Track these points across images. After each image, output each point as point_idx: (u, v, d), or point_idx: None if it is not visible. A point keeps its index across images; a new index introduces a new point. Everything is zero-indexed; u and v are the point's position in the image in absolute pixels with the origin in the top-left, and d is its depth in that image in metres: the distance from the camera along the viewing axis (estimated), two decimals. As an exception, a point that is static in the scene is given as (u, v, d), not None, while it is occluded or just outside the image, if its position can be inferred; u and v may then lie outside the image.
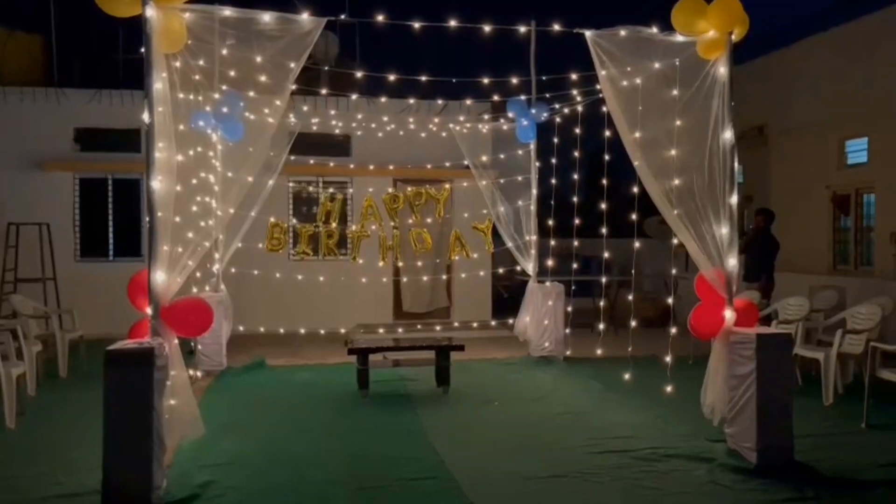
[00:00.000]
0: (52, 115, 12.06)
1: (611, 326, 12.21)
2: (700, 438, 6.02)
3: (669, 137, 5.96)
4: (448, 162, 11.47)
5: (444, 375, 7.84)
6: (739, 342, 5.40)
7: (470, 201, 12.18)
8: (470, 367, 9.09)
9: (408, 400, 7.60)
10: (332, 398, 7.72)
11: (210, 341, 8.87)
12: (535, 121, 9.65)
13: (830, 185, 12.09)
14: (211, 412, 7.01)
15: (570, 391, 8.03)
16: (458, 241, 9.37)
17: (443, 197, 9.33)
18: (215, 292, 9.13)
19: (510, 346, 10.42)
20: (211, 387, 8.25)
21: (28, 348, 7.66)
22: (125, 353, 4.55)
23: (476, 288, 12.88)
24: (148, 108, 4.84)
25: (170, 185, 5.15)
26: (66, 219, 12.14)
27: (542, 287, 9.75)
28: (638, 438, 6.13)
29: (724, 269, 5.58)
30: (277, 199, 12.09)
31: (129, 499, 4.46)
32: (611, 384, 8.18)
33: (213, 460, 5.55)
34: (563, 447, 5.94)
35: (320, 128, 11.68)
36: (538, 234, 9.92)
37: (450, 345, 7.87)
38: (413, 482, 5.11)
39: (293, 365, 9.56)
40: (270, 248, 9.20)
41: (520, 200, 9.94)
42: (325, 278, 11.27)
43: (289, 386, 8.39)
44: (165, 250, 4.96)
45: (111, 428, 4.48)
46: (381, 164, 12.04)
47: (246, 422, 6.78)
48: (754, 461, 5.27)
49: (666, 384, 7.33)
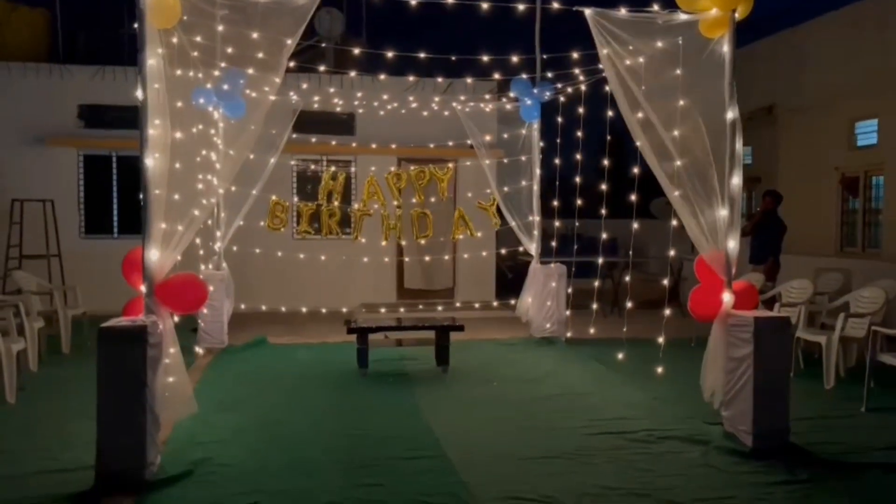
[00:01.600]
0: (55, 92, 12.04)
1: (614, 308, 12.20)
2: (697, 421, 6.00)
3: (672, 117, 5.87)
4: (451, 141, 11.38)
5: (444, 355, 7.83)
6: (737, 325, 5.35)
7: (474, 181, 12.13)
8: (470, 347, 9.09)
9: (407, 379, 7.61)
10: (332, 376, 7.73)
11: (211, 319, 8.90)
12: (538, 100, 9.56)
13: (839, 166, 11.96)
14: (210, 389, 7.09)
15: (570, 372, 8.02)
16: (461, 220, 9.32)
17: (446, 176, 9.26)
18: (217, 270, 9.14)
19: (512, 327, 10.41)
20: (212, 364, 8.28)
21: (30, 324, 7.69)
22: (118, 331, 4.55)
23: (479, 268, 12.86)
24: (141, 85, 4.80)
25: (165, 162, 5.13)
26: (70, 196, 12.16)
27: (544, 268, 9.71)
28: (635, 420, 6.11)
29: (723, 250, 5.52)
30: (281, 178, 12.06)
31: (123, 475, 4.48)
32: (611, 365, 8.15)
33: (208, 437, 5.57)
34: (559, 428, 5.93)
35: (324, 106, 11.61)
36: (541, 214, 9.85)
37: (450, 325, 7.86)
38: (406, 461, 5.11)
39: (294, 343, 9.59)
40: (272, 226, 9.19)
41: (523, 180, 9.87)
42: (327, 257, 11.25)
43: (289, 364, 8.42)
44: (160, 228, 4.95)
45: (104, 405, 4.50)
46: (385, 142, 11.97)
47: (244, 399, 6.81)
48: (750, 444, 5.24)
49: (665, 366, 7.30)
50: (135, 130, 10.32)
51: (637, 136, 5.98)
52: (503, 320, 11.06)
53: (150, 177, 4.83)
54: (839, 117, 11.83)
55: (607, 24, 5.95)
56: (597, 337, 9.39)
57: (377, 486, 4.65)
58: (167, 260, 5.03)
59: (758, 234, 9.73)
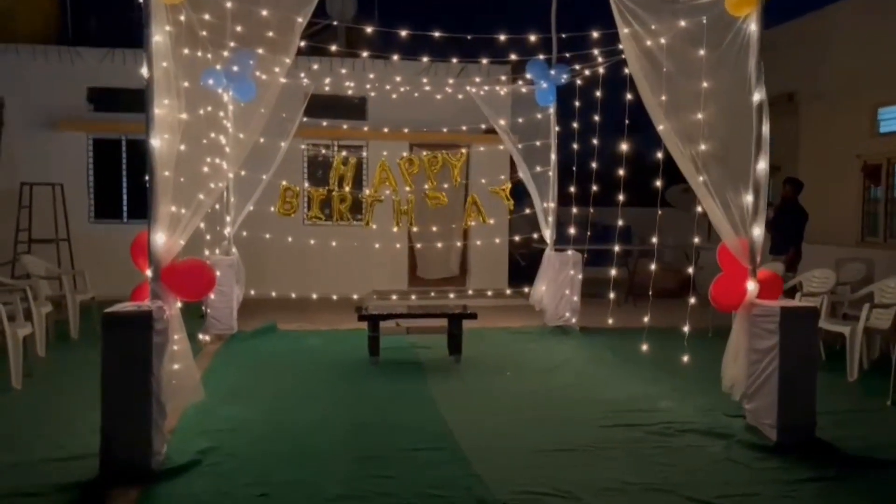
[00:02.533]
0: (65, 75, 11.91)
1: (630, 297, 12.02)
2: (717, 413, 5.83)
3: (695, 100, 5.67)
4: (465, 126, 11.17)
5: (457, 344, 7.68)
6: (762, 315, 5.16)
7: (487, 167, 11.94)
8: (483, 335, 8.94)
9: (418, 368, 7.47)
10: (342, 364, 7.60)
11: (221, 305, 8.78)
12: (555, 83, 9.35)
13: (861, 154, 11.67)
14: (218, 377, 6.98)
15: (584, 362, 7.86)
16: (474, 206, 9.14)
17: (459, 162, 9.08)
18: (227, 256, 9.01)
19: (525, 316, 10.24)
20: (220, 351, 8.17)
21: (37, 309, 7.60)
22: (123, 317, 4.42)
23: (492, 255, 12.68)
24: (147, 63, 4.65)
25: (172, 143, 4.98)
26: (79, 179, 12.06)
27: (559, 255, 9.53)
28: (652, 412, 5.95)
29: (748, 238, 5.32)
30: (292, 163, 11.92)
31: (128, 465, 4.37)
32: (627, 355, 7.98)
33: (215, 426, 5.45)
34: (574, 419, 5.77)
35: (336, 90, 11.44)
36: (557, 201, 9.66)
37: (462, 313, 7.70)
38: (417, 452, 4.97)
39: (304, 330, 9.47)
40: (282, 212, 9.04)
41: (538, 166, 9.67)
42: (338, 243, 11.11)
43: (299, 351, 8.30)
44: (167, 211, 4.81)
45: (109, 393, 4.37)
46: (397, 127, 11.76)
47: (252, 387, 6.69)
48: (774, 438, 5.06)
49: (684, 356, 7.13)
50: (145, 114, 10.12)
51: (659, 121, 5.76)
52: (516, 308, 10.89)
53: (156, 158, 4.68)
54: (862, 104, 11.53)
55: (629, 3, 5.74)
56: (612, 326, 9.21)
57: (387, 478, 4.51)
58: (174, 244, 4.89)
59: (778, 224, 9.49)
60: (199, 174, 5.77)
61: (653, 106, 5.79)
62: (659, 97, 5.72)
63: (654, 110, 5.78)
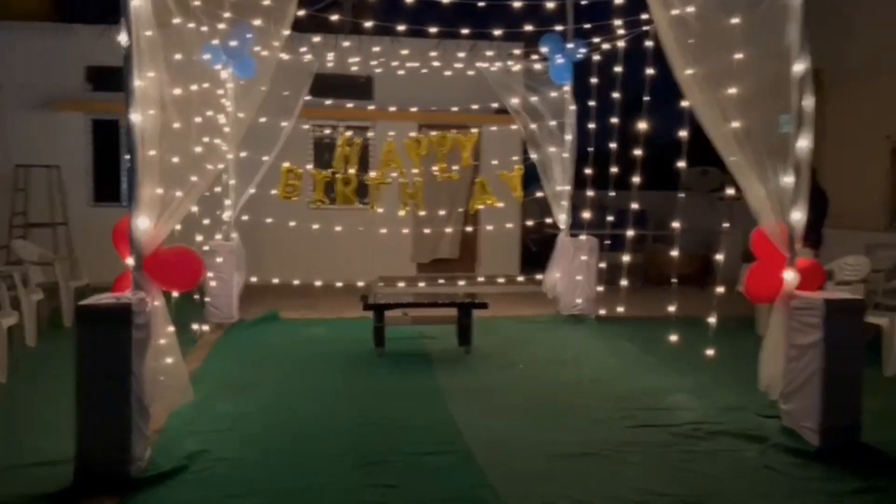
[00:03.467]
0: (62, 53, 11.48)
1: (646, 283, 11.56)
2: (749, 413, 5.39)
3: (729, 72, 5.17)
4: (476, 104, 10.67)
5: (466, 334, 7.26)
6: (802, 308, 4.71)
7: (500, 148, 11.45)
8: (495, 324, 8.52)
9: (426, 360, 7.06)
10: (346, 356, 7.21)
11: (220, 293, 8.40)
12: (571, 58, 8.85)
13: (891, 134, 11.12)
14: (214, 370, 6.61)
15: (602, 354, 7.42)
16: (482, 190, 8.68)
17: (470, 142, 8.61)
18: (227, 241, 8.61)
19: (538, 303, 9.81)
20: (219, 341, 7.78)
21: (27, 297, 7.25)
22: (98, 310, 4.01)
23: (503, 241, 12.20)
24: (125, 28, 4.22)
25: (158, 120, 4.57)
26: (78, 162, 11.67)
27: (573, 240, 9.07)
28: (678, 410, 5.52)
29: (786, 223, 4.86)
30: (298, 145, 11.50)
31: (105, 472, 3.98)
32: (647, 346, 7.55)
33: (208, 426, 5.06)
34: (593, 418, 5.35)
35: (341, 68, 10.98)
36: (573, 184, 9.19)
37: (472, 302, 7.27)
38: (425, 456, 4.56)
39: (307, 319, 9.08)
40: (284, 195, 8.62)
41: (552, 147, 9.19)
42: (343, 228, 10.69)
43: (301, 341, 7.91)
44: (152, 193, 4.39)
45: (84, 394, 3.98)
46: (405, 107, 11.27)
47: (251, 381, 6.30)
48: (815, 443, 4.62)
49: (707, 347, 6.67)
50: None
51: (690, 95, 5.26)
52: (529, 296, 10.46)
53: (138, 135, 4.26)
54: (891, 82, 10.97)
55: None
56: (629, 315, 8.77)
57: (391, 487, 4.11)
58: (161, 229, 4.49)
59: None
60: (192, 154, 5.35)
61: (684, 78, 5.28)
62: (692, 68, 5.21)
63: (685, 83, 5.27)
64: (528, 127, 9.27)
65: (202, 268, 4.67)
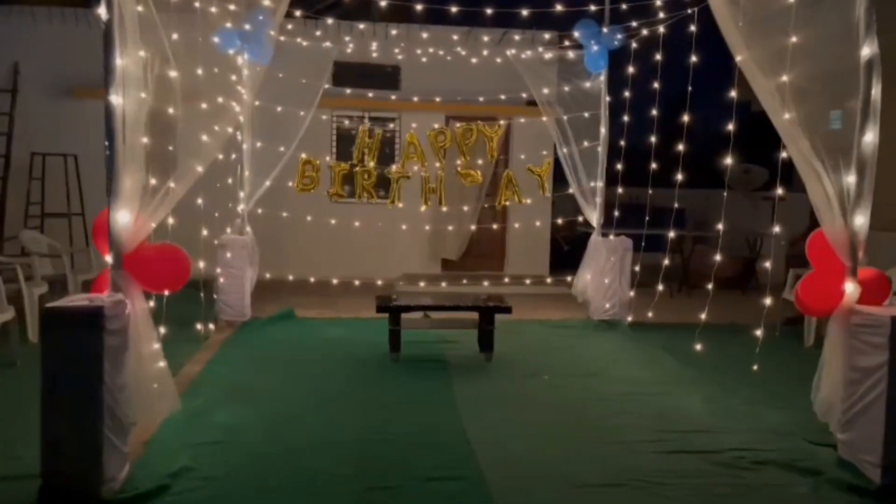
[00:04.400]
0: (84, 38, 11.16)
1: (682, 287, 10.96)
2: (798, 439, 4.82)
3: (782, 58, 4.59)
4: (504, 95, 10.13)
5: (488, 340, 6.77)
6: (866, 325, 4.13)
7: (529, 141, 10.92)
8: (519, 328, 8.01)
9: (444, 367, 6.57)
10: (359, 360, 6.76)
11: (232, 290, 8.01)
12: (607, 46, 8.28)
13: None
14: (219, 372, 6.22)
15: (635, 364, 6.87)
16: (510, 184, 8.16)
17: (496, 135, 8.10)
18: (240, 235, 8.22)
19: (567, 306, 9.26)
20: (229, 341, 7.40)
21: (29, 290, 6.93)
22: (67, 313, 3.60)
23: (532, 239, 11.65)
24: (105, 2, 3.79)
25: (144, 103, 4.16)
26: (97, 150, 11.37)
27: (606, 241, 8.51)
28: (719, 434, 4.96)
29: (848, 227, 4.28)
30: (319, 136, 11.12)
31: (72, 491, 3.58)
32: (684, 357, 6.97)
33: (201, 437, 4.65)
34: (623, 440, 4.82)
35: (367, 57, 10.54)
36: (605, 180, 8.63)
37: (495, 306, 6.77)
38: (433, 483, 4.09)
39: (324, 318, 8.65)
40: (301, 187, 8.19)
41: (585, 141, 8.64)
42: (362, 223, 10.25)
43: (314, 342, 7.48)
44: (136, 183, 3.98)
45: (49, 405, 3.58)
46: (432, 97, 10.76)
47: (255, 386, 5.88)
48: (877, 480, 4.05)
49: (752, 359, 6.10)
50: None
51: (753, 80, 4.65)
52: (557, 297, 9.92)
53: (118, 119, 3.84)
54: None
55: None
56: (665, 321, 8.19)
57: (391, 519, 3.64)
58: (145, 224, 4.07)
59: None
60: (189, 142, 4.94)
61: (745, 62, 4.69)
62: (751, 51, 4.62)
63: (747, 67, 4.66)
64: (560, 119, 8.72)
65: (189, 267, 4.24)
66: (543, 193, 8.41)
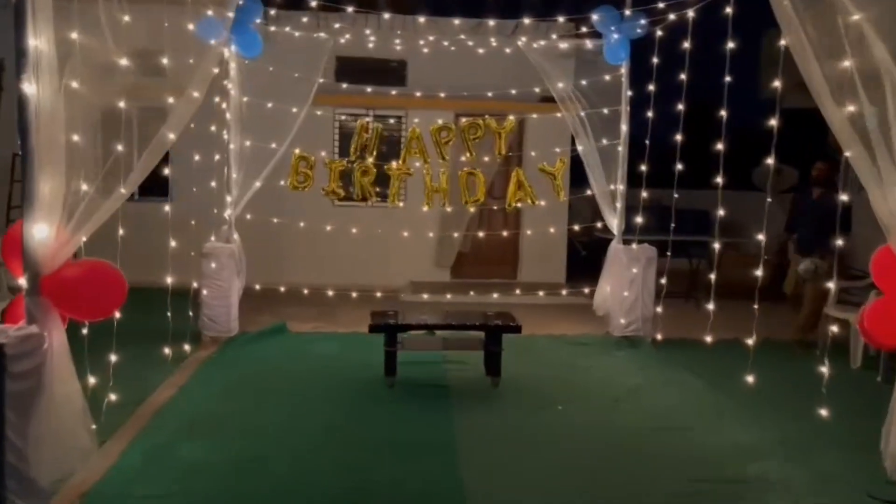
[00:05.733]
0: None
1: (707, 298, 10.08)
2: (853, 490, 4.06)
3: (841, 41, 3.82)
4: (518, 90, 9.35)
5: (495, 363, 6.03)
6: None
7: (544, 139, 10.13)
8: (532, 345, 7.26)
9: (445, 395, 5.82)
10: (350, 385, 6.05)
11: (217, 303, 7.31)
12: (628, 35, 7.50)
13: None
14: (191, 400, 5.57)
15: (662, 391, 6.08)
16: (519, 185, 7.42)
17: (505, 131, 7.35)
18: (227, 243, 7.53)
19: (584, 320, 8.46)
20: (210, 360, 6.71)
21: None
22: (-44, 353, 2.90)
23: (546, 244, 10.83)
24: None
25: (85, 97, 3.48)
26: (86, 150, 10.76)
27: (627, 250, 7.72)
28: (760, 483, 4.20)
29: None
30: (321, 135, 10.44)
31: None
32: (718, 381, 6.20)
33: (152, 485, 3.97)
34: (648, 492, 4.07)
35: (370, 52, 9.85)
36: (626, 182, 7.84)
37: (504, 325, 6.02)
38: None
39: (319, 332, 7.94)
40: (295, 185, 7.45)
41: (604, 139, 7.86)
42: (366, 228, 9.54)
43: (304, 363, 6.76)
44: (52, 190, 3.29)
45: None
46: (441, 93, 9.98)
47: (228, 416, 5.20)
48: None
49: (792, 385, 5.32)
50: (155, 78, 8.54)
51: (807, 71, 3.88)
52: (573, 308, 9.13)
53: (32, 112, 3.15)
54: None
55: None
56: (691, 337, 7.39)
57: None
58: (70, 239, 3.38)
59: (812, 214, 7.78)
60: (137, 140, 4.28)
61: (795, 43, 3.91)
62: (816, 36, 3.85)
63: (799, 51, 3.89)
64: (577, 115, 7.93)
65: (124, 289, 3.54)
66: (558, 195, 7.65)
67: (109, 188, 3.90)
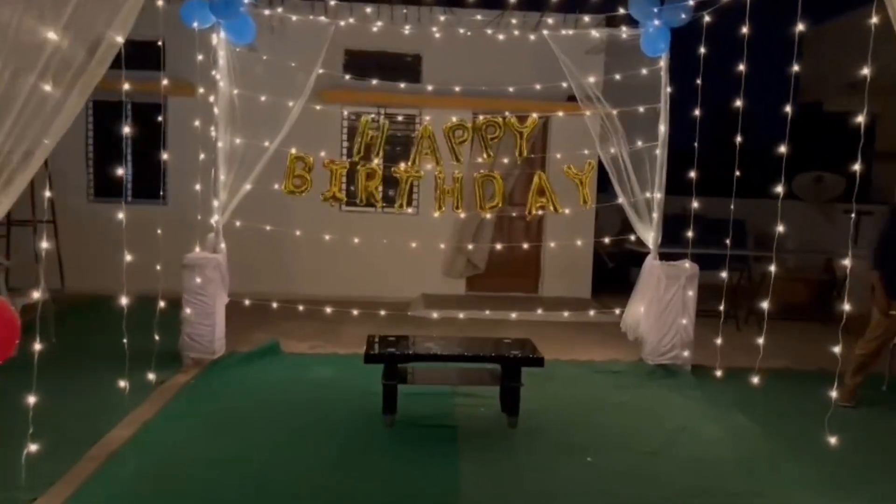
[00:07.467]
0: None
1: (749, 317, 9.14)
2: None
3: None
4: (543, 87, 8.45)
5: (513, 400, 5.14)
6: None
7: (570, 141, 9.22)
8: (555, 373, 6.33)
9: (451, 438, 4.94)
10: (344, 421, 5.21)
11: (200, 321, 6.50)
12: (669, 24, 6.60)
13: None
14: (158, 437, 4.82)
15: (707, 436, 5.16)
16: (541, 190, 6.53)
17: (527, 130, 6.48)
18: (212, 253, 6.71)
19: (614, 342, 7.53)
20: (188, 386, 5.90)
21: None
22: None
23: (571, 255, 9.90)
24: None
25: None
26: (75, 150, 10.05)
27: (665, 266, 6.80)
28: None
29: None
30: (325, 134, 9.65)
31: None
32: (770, 422, 5.32)
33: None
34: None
35: (381, 44, 9.02)
36: (664, 189, 6.92)
37: (523, 357, 5.12)
38: None
39: (316, 353, 7.10)
40: (290, 188, 6.65)
41: (640, 141, 6.95)
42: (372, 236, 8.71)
43: (294, 392, 5.90)
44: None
45: None
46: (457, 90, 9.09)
47: (190, 467, 4.35)
48: None
49: (856, 428, 4.40)
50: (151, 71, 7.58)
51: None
52: (600, 328, 8.22)
53: None
54: None
55: None
56: (736, 366, 6.47)
57: None
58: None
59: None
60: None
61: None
62: None
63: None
64: (608, 114, 7.02)
65: (17, 330, 2.71)
66: (584, 204, 6.76)
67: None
